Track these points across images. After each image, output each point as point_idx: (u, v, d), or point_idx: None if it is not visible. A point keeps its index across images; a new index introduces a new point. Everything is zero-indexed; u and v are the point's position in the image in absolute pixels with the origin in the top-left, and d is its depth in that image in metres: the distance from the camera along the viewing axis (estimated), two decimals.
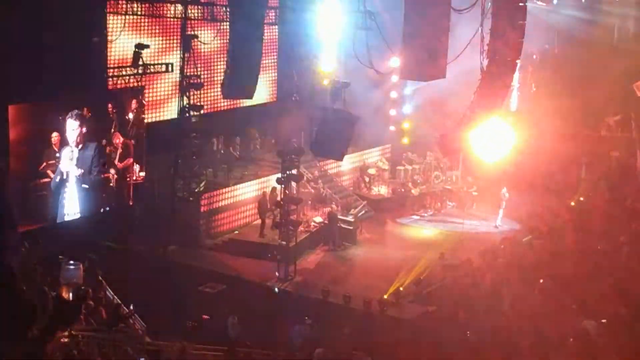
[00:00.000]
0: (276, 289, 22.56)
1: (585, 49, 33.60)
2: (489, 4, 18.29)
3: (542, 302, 20.26)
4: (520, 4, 17.54)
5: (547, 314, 19.35)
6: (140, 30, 25.25)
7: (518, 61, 18.91)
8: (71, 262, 18.52)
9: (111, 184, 23.78)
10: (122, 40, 24.37)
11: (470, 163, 30.15)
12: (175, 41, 26.06)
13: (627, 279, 20.91)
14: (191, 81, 25.01)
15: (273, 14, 25.71)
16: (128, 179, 24.26)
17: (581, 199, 30.63)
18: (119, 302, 18.54)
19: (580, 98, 31.88)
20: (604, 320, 18.47)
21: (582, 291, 20.25)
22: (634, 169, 31.32)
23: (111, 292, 19.08)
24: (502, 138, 20.03)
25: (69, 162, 22.15)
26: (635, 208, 28.03)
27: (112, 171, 23.71)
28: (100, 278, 19.37)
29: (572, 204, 30.34)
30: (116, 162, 23.84)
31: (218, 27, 25.56)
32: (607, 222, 26.07)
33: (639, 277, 20.98)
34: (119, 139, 23.90)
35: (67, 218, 22.42)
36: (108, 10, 23.99)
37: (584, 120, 33.28)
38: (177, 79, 25.34)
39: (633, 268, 22.05)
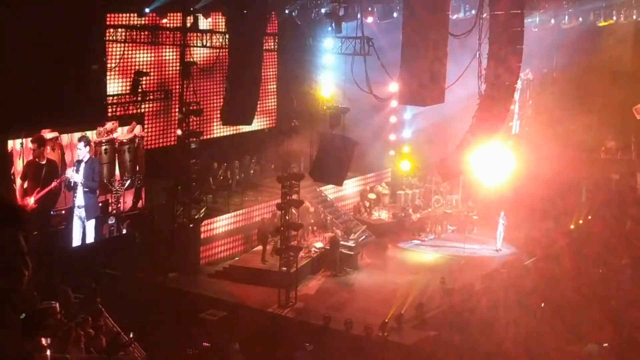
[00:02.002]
0: None
1: (584, 73, 33.74)
2: (487, 28, 18.40)
3: (538, 326, 20.26)
4: (518, 29, 17.62)
5: (542, 339, 19.35)
6: (139, 57, 25.36)
7: (517, 85, 19.00)
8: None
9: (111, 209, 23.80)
10: (121, 67, 24.46)
11: (470, 187, 30.18)
12: (174, 68, 26.17)
13: (625, 305, 20.97)
14: (190, 108, 25.08)
15: (272, 40, 25.79)
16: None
17: (581, 221, 30.66)
18: (119, 330, 18.44)
19: (579, 122, 31.98)
20: (605, 345, 18.45)
21: (578, 317, 20.30)
22: (634, 191, 31.34)
23: (111, 320, 18.99)
24: (502, 162, 20.08)
25: (74, 174, 22.43)
26: (635, 230, 28.07)
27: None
28: (99, 306, 19.29)
29: (572, 227, 30.36)
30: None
31: (217, 54, 25.68)
32: (606, 245, 26.11)
33: (636, 303, 21.02)
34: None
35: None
36: (107, 38, 24.13)
37: (583, 143, 33.36)
38: (177, 106, 25.41)
39: (633, 293, 22.09)
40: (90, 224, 23.13)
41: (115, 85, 24.67)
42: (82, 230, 22.97)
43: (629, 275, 24.22)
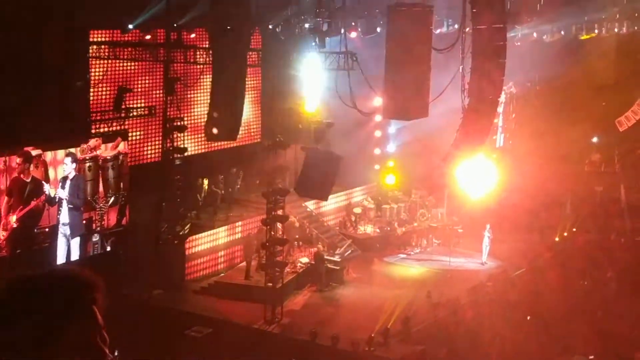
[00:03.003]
0: None
1: (566, 86, 33.94)
2: (470, 43, 18.47)
3: (524, 339, 20.29)
4: (501, 43, 17.70)
5: (528, 352, 19.40)
6: (123, 74, 25.32)
7: (500, 99, 19.07)
8: None
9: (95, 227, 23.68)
10: (105, 84, 24.40)
11: (455, 200, 30.20)
12: (158, 84, 26.13)
13: (611, 317, 21.06)
14: (175, 124, 25.02)
15: (256, 55, 25.84)
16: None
17: (565, 234, 30.77)
18: None
19: (563, 135, 32.16)
20: (591, 357, 18.49)
21: (563, 330, 20.37)
22: (618, 203, 31.50)
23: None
24: (486, 175, 20.13)
25: (60, 191, 22.36)
26: (620, 242, 28.20)
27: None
28: None
29: (557, 239, 30.47)
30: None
31: (201, 69, 25.68)
32: (591, 258, 26.22)
33: (621, 316, 21.12)
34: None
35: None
36: (91, 54, 24.07)
37: (567, 156, 33.53)
38: (161, 122, 25.34)
39: (618, 305, 22.18)
40: (75, 242, 23.00)
41: (99, 102, 24.57)
42: (67, 248, 22.83)
43: (613, 287, 24.28)
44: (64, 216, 22.67)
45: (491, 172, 20.81)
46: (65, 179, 22.43)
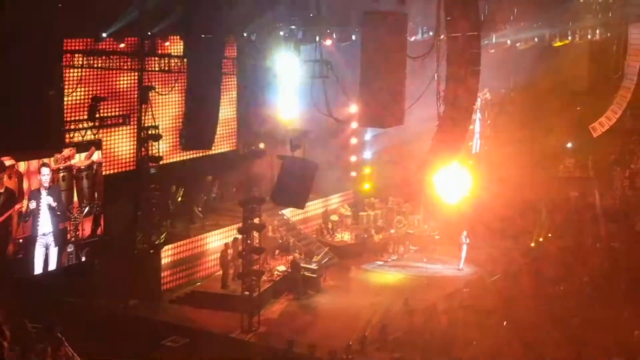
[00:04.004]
0: None
1: (541, 92, 34.18)
2: (445, 50, 18.49)
3: (498, 346, 20.37)
4: (475, 51, 17.74)
5: (503, 358, 19.47)
6: (97, 83, 25.16)
7: (475, 106, 19.10)
8: None
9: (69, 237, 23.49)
10: (78, 93, 24.23)
11: (431, 207, 30.27)
12: (132, 93, 25.98)
13: (585, 323, 21.18)
14: (149, 132, 24.88)
15: (231, 64, 25.79)
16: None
17: (540, 240, 30.93)
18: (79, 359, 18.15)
19: (537, 141, 32.37)
20: None
21: (537, 336, 20.45)
22: (593, 208, 31.71)
23: (70, 350, 18.66)
24: (462, 181, 20.15)
25: (46, 198, 22.40)
26: (595, 248, 28.37)
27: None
28: (59, 335, 18.94)
29: (532, 245, 30.63)
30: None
31: (175, 78, 25.58)
32: (566, 264, 26.37)
33: (595, 322, 21.23)
34: None
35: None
36: (64, 63, 23.88)
37: (542, 162, 33.76)
38: (135, 131, 25.19)
39: (592, 311, 22.32)
40: (54, 252, 22.81)
41: (73, 111, 24.38)
42: (45, 259, 22.63)
43: (588, 293, 24.41)
44: (45, 226, 22.53)
45: (467, 178, 20.81)
46: (44, 188, 22.30)
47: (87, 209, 23.86)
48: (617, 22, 29.02)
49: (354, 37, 25.95)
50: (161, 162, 25.42)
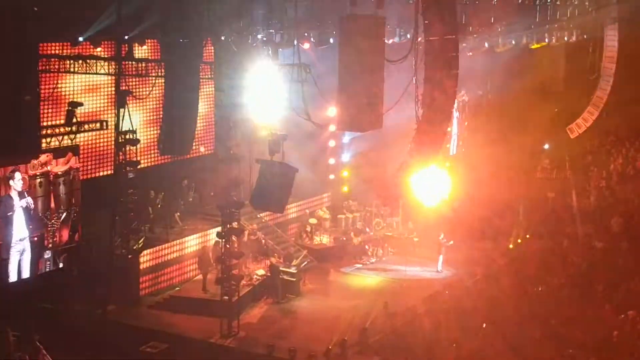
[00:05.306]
0: None
1: (518, 94, 34.36)
2: (423, 53, 18.53)
3: (479, 347, 20.45)
4: (453, 54, 17.78)
5: (484, 359, 19.54)
6: (73, 87, 25.00)
7: (453, 109, 19.15)
8: None
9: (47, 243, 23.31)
10: (55, 98, 24.06)
11: (410, 209, 30.31)
12: (109, 98, 25.84)
13: (565, 323, 21.29)
14: (127, 137, 24.73)
15: (208, 68, 25.70)
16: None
17: (519, 241, 31.08)
18: None
19: (515, 142, 32.52)
20: None
21: (518, 336, 20.54)
22: (571, 209, 31.90)
23: (49, 358, 18.54)
24: (440, 183, 20.19)
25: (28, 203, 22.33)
26: (572, 248, 28.53)
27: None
28: (38, 343, 18.80)
29: (511, 246, 30.76)
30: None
31: (153, 82, 25.46)
32: (544, 264, 26.51)
33: (575, 321, 21.35)
34: None
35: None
36: (40, 68, 23.71)
37: (519, 163, 33.92)
38: (113, 136, 25.05)
39: (571, 310, 22.45)
40: (27, 258, 22.60)
41: (49, 117, 24.21)
42: (18, 265, 22.45)
43: (567, 293, 24.56)
44: (21, 231, 22.34)
45: (444, 180, 20.86)
46: (21, 193, 22.13)
47: (64, 215, 23.68)
48: (594, 24, 29.24)
49: (332, 41, 25.93)
50: (139, 167, 25.26)
